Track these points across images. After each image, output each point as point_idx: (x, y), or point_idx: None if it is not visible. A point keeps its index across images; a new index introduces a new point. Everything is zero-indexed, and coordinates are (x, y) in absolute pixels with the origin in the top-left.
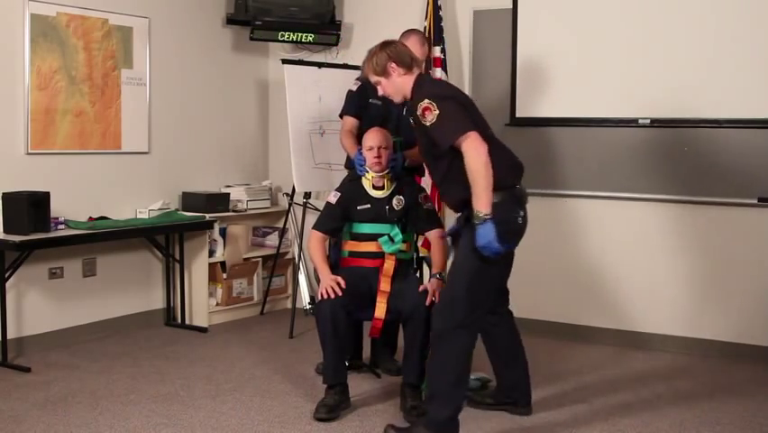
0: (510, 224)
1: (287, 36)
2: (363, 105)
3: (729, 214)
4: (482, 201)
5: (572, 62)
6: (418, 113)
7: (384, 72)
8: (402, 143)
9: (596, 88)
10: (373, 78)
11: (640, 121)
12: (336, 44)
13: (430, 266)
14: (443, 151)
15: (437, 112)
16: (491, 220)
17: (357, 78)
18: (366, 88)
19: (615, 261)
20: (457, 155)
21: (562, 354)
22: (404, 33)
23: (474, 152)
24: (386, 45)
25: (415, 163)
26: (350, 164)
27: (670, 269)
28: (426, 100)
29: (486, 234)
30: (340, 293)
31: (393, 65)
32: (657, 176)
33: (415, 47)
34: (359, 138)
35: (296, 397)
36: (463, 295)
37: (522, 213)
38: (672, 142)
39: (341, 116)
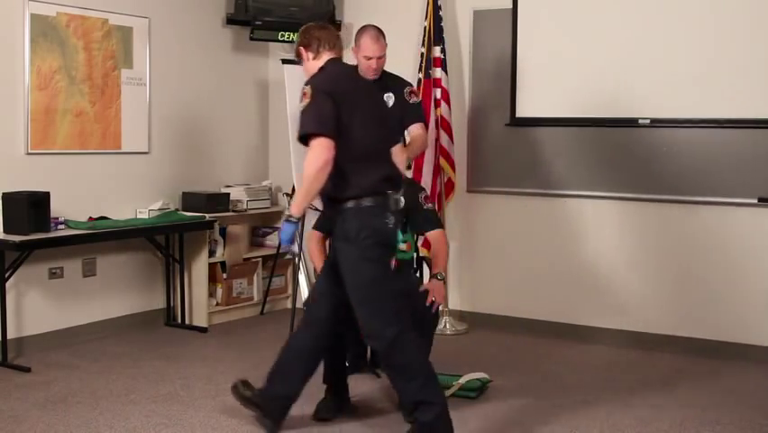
0: (378, 228)
1: (287, 36)
2: None
3: (729, 214)
4: (296, 204)
5: (572, 62)
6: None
7: (299, 57)
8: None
9: (596, 88)
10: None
11: (640, 121)
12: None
13: (430, 266)
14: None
15: (308, 101)
16: (294, 223)
17: None
18: None
19: (614, 261)
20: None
21: (562, 354)
22: (359, 29)
23: (313, 156)
24: (301, 31)
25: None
26: None
27: (669, 269)
28: (308, 86)
29: (286, 233)
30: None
31: (302, 49)
32: (657, 176)
33: (366, 43)
34: None
35: None
36: (367, 313)
37: (392, 219)
38: (672, 143)
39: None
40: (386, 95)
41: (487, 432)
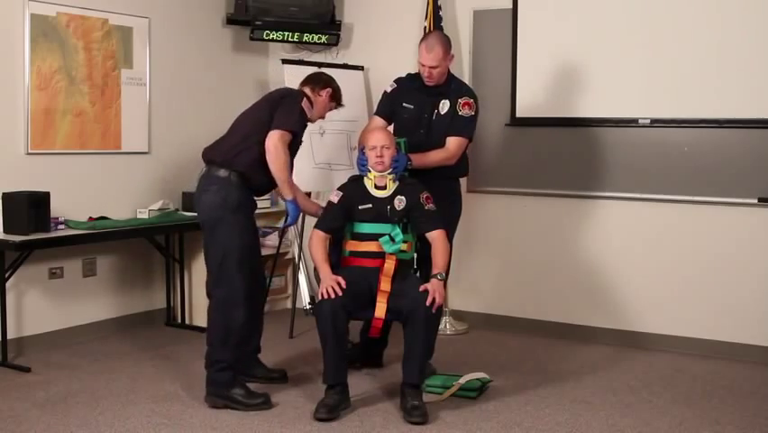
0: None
1: (287, 36)
2: (395, 108)
3: (729, 214)
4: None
5: (572, 62)
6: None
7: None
8: (408, 144)
9: (596, 88)
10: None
11: (640, 121)
12: (336, 44)
13: (430, 266)
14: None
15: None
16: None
17: (395, 80)
18: (400, 91)
19: (615, 261)
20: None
21: (562, 354)
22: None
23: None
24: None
25: (420, 166)
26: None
27: (669, 269)
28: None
29: (293, 216)
30: (340, 293)
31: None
32: (657, 176)
33: (420, 51)
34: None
35: (296, 397)
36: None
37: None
38: (672, 143)
39: (375, 115)
40: (442, 101)
41: (487, 432)
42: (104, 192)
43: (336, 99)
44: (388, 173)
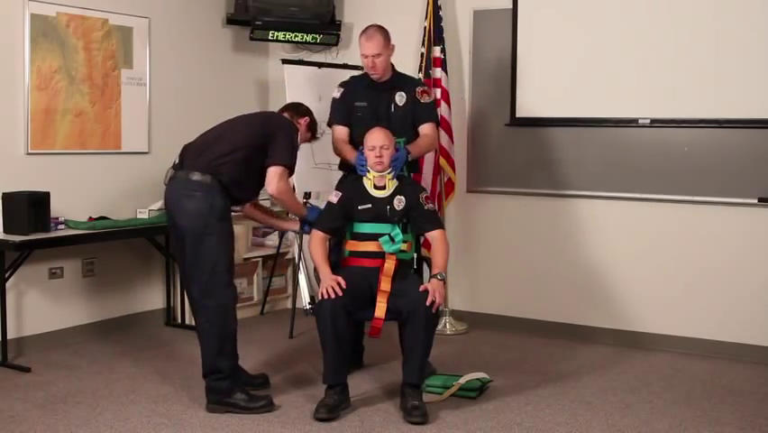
0: None
1: (287, 36)
2: (350, 111)
3: (729, 214)
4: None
5: (572, 62)
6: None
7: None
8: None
9: (596, 88)
10: None
11: (640, 121)
12: (336, 44)
13: (430, 266)
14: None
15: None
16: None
17: (339, 85)
18: (350, 93)
19: (615, 261)
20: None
21: (562, 354)
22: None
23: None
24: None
25: (416, 156)
26: (343, 167)
27: (669, 269)
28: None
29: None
30: (340, 293)
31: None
32: (657, 176)
33: (360, 41)
34: (354, 144)
35: (296, 397)
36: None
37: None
38: (672, 143)
39: (329, 125)
40: (397, 94)
41: (487, 432)
42: (104, 192)
43: (312, 130)
44: (388, 173)
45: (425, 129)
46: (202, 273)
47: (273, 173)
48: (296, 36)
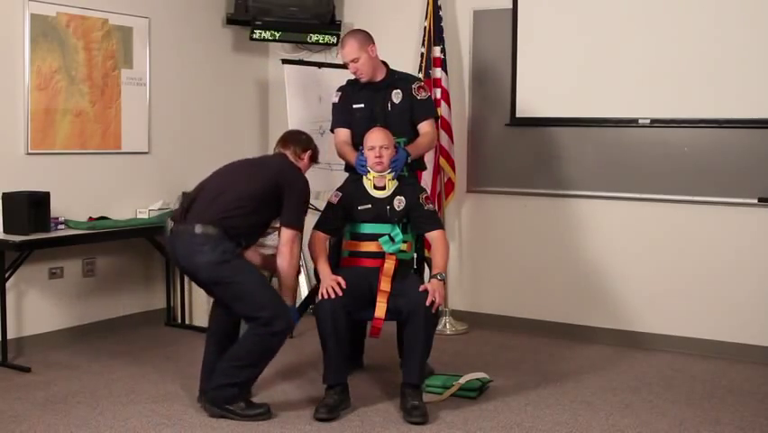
0: None
1: (287, 36)
2: (349, 113)
3: (729, 214)
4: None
5: (572, 62)
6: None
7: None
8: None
9: (596, 88)
10: None
11: (640, 121)
12: (336, 44)
13: (430, 266)
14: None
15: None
16: None
17: (337, 89)
18: (347, 96)
19: (614, 261)
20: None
21: (562, 354)
22: None
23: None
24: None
25: (416, 156)
26: (348, 167)
27: (669, 269)
28: (301, 181)
29: None
30: (340, 293)
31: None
32: (657, 176)
33: (340, 54)
34: (356, 145)
35: (296, 397)
36: None
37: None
38: (672, 143)
39: (332, 130)
40: (393, 92)
41: (487, 432)
42: (104, 192)
43: (314, 160)
44: (388, 173)
45: (424, 127)
46: (246, 303)
47: (287, 239)
48: (296, 36)
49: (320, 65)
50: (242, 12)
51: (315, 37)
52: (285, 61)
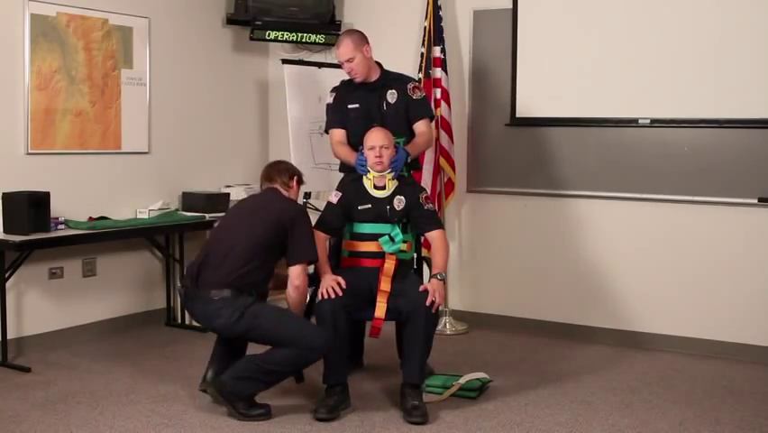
0: None
1: (287, 36)
2: (344, 113)
3: (729, 214)
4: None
5: (572, 62)
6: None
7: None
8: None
9: (596, 88)
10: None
11: (640, 121)
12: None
13: (430, 266)
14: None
15: (307, 221)
16: None
17: (331, 90)
18: (342, 96)
19: (615, 261)
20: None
21: (562, 354)
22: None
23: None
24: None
25: (415, 156)
26: (343, 168)
27: (669, 269)
28: (304, 214)
29: None
30: (340, 293)
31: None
32: (657, 176)
33: (335, 54)
34: (351, 146)
35: (296, 397)
36: None
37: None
38: (672, 143)
39: (326, 131)
40: (388, 92)
41: (487, 432)
42: (104, 192)
43: (301, 182)
44: (388, 173)
45: (420, 126)
46: (283, 332)
47: (299, 272)
48: (296, 36)
49: (320, 65)
50: (242, 12)
51: (314, 37)
52: (285, 61)
